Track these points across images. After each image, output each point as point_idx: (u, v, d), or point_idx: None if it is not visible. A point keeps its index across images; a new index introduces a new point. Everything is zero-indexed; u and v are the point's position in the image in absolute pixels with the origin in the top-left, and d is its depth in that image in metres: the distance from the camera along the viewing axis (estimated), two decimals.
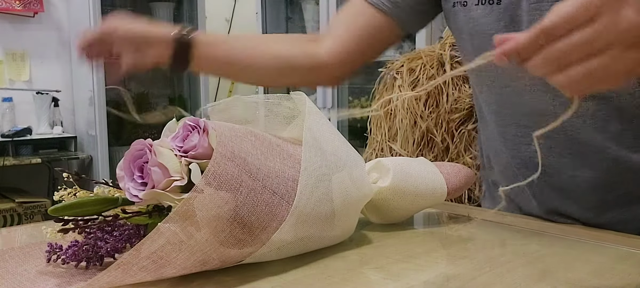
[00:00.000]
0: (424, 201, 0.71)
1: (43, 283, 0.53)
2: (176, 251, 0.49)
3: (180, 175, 0.52)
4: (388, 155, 1.65)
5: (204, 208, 0.49)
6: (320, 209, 0.57)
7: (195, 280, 0.53)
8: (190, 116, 0.56)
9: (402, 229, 0.72)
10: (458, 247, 0.67)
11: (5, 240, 0.70)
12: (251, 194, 0.52)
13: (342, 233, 0.63)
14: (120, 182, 0.55)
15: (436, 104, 1.63)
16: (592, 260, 0.61)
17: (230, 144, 0.53)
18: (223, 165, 0.51)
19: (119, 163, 0.55)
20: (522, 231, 0.73)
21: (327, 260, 0.60)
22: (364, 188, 0.65)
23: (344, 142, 0.64)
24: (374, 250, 0.64)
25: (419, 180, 0.70)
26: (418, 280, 0.55)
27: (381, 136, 1.70)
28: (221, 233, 0.51)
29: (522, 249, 0.66)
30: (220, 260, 0.52)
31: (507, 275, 0.56)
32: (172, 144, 0.54)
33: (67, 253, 0.56)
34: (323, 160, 0.59)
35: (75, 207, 0.56)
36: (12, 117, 3.17)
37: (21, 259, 0.60)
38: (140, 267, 0.48)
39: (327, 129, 0.62)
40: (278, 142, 0.59)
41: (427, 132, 1.61)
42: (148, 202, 0.54)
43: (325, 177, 0.58)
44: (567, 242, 0.68)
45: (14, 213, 2.92)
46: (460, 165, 0.78)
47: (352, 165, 0.62)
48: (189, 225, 0.49)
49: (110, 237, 0.56)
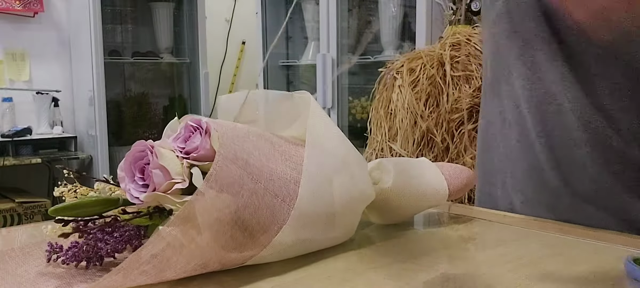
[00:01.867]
0: (426, 202, 0.71)
1: (43, 283, 0.53)
2: (177, 255, 0.49)
3: (182, 178, 0.52)
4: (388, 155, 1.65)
5: (206, 212, 0.49)
6: (322, 211, 0.57)
7: (195, 279, 0.53)
8: (191, 115, 0.56)
9: (402, 229, 0.72)
10: (458, 247, 0.67)
11: (5, 240, 0.70)
12: (253, 197, 0.52)
13: (343, 234, 0.63)
14: (121, 183, 0.55)
15: (436, 104, 1.63)
16: (592, 260, 0.61)
17: (232, 145, 0.53)
18: (225, 168, 0.51)
19: (120, 164, 0.55)
20: (522, 231, 0.73)
21: (328, 261, 0.60)
22: (366, 190, 0.65)
23: (347, 142, 0.64)
24: (374, 250, 0.64)
25: (420, 181, 0.70)
26: (418, 280, 0.55)
27: (381, 136, 1.70)
28: (222, 237, 0.51)
29: (522, 249, 0.66)
30: (220, 263, 0.52)
31: (507, 275, 0.56)
32: (174, 145, 0.54)
33: (67, 253, 0.56)
34: (325, 161, 0.59)
35: (76, 207, 0.56)
36: (12, 117, 3.18)
37: (21, 259, 0.60)
38: (141, 272, 0.48)
39: (331, 129, 0.62)
40: (280, 142, 0.59)
41: (427, 132, 1.61)
42: (149, 204, 0.54)
43: (327, 179, 0.58)
44: (567, 242, 0.68)
45: (14, 213, 2.92)
46: (462, 166, 0.78)
47: (354, 166, 0.62)
48: (190, 229, 0.49)
49: (111, 238, 0.56)
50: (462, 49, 1.66)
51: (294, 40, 3.42)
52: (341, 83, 2.87)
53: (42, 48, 3.35)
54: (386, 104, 1.72)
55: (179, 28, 3.68)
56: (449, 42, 1.69)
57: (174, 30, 3.64)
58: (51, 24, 3.37)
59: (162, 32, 3.58)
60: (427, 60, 1.67)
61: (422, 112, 1.61)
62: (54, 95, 3.26)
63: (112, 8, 3.50)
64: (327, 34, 2.81)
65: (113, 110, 3.41)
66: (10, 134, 3.04)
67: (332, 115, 2.82)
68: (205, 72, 3.58)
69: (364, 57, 2.90)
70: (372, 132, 1.77)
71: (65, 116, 3.37)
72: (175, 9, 3.63)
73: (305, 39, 3.34)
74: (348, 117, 2.94)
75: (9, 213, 2.90)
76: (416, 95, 1.63)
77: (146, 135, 3.17)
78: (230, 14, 4.15)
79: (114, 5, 3.52)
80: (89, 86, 3.19)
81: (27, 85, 3.29)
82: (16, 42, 3.27)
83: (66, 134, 3.31)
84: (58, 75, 3.41)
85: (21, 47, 3.29)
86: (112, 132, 3.29)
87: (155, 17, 3.56)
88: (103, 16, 3.14)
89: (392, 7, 2.73)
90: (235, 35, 4.17)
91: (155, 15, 3.55)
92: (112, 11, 3.51)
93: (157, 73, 3.76)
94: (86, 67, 3.20)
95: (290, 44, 3.43)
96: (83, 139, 3.35)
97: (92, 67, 3.14)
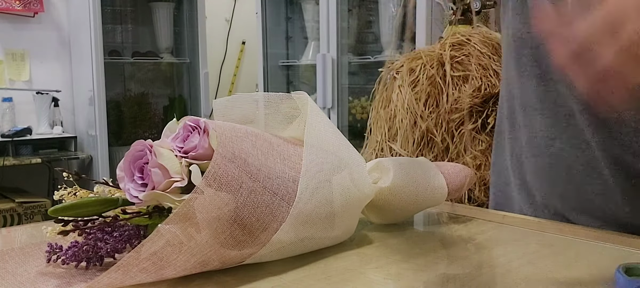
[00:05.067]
0: (425, 201, 0.71)
1: (43, 283, 0.53)
2: (176, 252, 0.49)
3: (181, 176, 0.52)
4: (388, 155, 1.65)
5: (205, 210, 0.49)
6: (321, 210, 0.57)
7: (195, 279, 0.53)
8: (190, 116, 0.56)
9: (402, 229, 0.72)
10: (458, 247, 0.67)
11: (5, 240, 0.70)
12: (251, 195, 0.52)
13: (342, 234, 0.63)
14: (121, 183, 0.55)
15: (436, 104, 1.63)
16: (592, 260, 0.61)
17: (230, 144, 0.53)
18: (223, 167, 0.51)
19: (119, 164, 0.55)
20: (522, 231, 0.73)
21: (327, 260, 0.60)
22: (365, 189, 0.65)
23: (345, 142, 0.64)
24: (374, 250, 0.64)
25: (419, 180, 0.70)
26: (418, 280, 0.55)
27: (381, 136, 1.70)
28: (221, 235, 0.51)
29: (522, 249, 0.66)
30: (220, 261, 0.52)
31: (507, 275, 0.56)
32: (173, 144, 0.54)
33: (67, 253, 0.56)
34: (324, 160, 0.59)
35: (75, 207, 0.56)
36: (12, 117, 3.18)
37: (21, 259, 0.60)
38: (140, 269, 0.48)
39: (329, 129, 0.62)
40: (279, 142, 0.59)
41: (427, 132, 1.61)
42: (148, 203, 0.54)
43: (326, 178, 0.58)
44: (567, 242, 0.68)
45: (14, 213, 2.92)
46: (461, 165, 0.78)
47: (353, 166, 0.62)
48: (189, 227, 0.49)
49: (110, 238, 0.56)
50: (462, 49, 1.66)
51: (294, 40, 3.42)
52: (341, 83, 2.87)
53: (42, 48, 3.35)
54: (386, 104, 1.72)
55: (179, 28, 3.69)
56: (449, 42, 1.69)
57: (174, 30, 3.64)
58: (51, 24, 3.37)
59: (162, 32, 3.58)
60: (427, 60, 1.67)
61: (422, 112, 1.61)
62: (54, 95, 3.26)
63: (112, 8, 3.50)
64: (327, 34, 2.81)
65: (113, 110, 3.41)
66: (10, 134, 3.05)
67: (332, 115, 2.82)
68: (205, 72, 3.58)
69: (364, 57, 2.90)
70: (372, 132, 1.77)
71: (65, 116, 3.37)
72: (175, 9, 3.63)
73: (305, 39, 3.35)
74: (348, 117, 2.94)
75: (9, 213, 2.90)
76: (416, 95, 1.63)
77: (146, 135, 3.17)
78: (230, 14, 4.15)
79: (114, 5, 3.52)
80: (89, 86, 3.19)
81: (27, 85, 3.30)
82: (16, 42, 3.27)
83: (66, 134, 3.31)
84: (58, 75, 3.41)
85: (21, 47, 3.29)
86: (112, 132, 3.29)
87: (155, 17, 3.56)
88: (103, 16, 3.14)
89: (392, 7, 2.73)
90: (235, 35, 4.18)
91: (155, 15, 3.55)
92: (112, 11, 3.51)
93: (157, 73, 3.76)
94: (86, 67, 3.21)
95: (290, 44, 3.43)
96: (83, 139, 3.35)
97: (92, 67, 3.15)
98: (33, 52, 3.32)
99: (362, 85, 2.97)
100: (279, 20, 3.35)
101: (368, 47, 2.99)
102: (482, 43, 1.66)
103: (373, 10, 2.97)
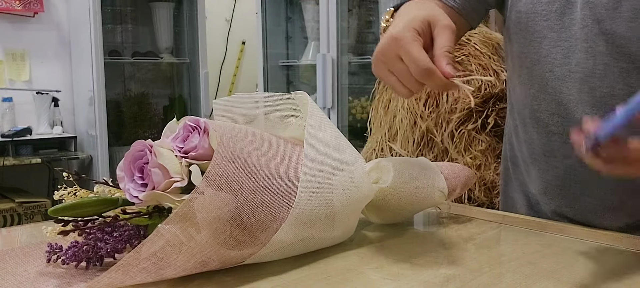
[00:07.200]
0: (425, 201, 0.71)
1: (43, 283, 0.53)
2: (176, 252, 0.49)
3: (181, 177, 0.52)
4: (388, 155, 1.65)
5: (205, 210, 0.49)
6: (321, 210, 0.57)
7: (195, 279, 0.53)
8: (190, 116, 0.56)
9: (402, 229, 0.72)
10: (458, 247, 0.67)
11: (5, 240, 0.70)
12: (251, 196, 0.52)
13: (342, 234, 0.63)
14: (121, 183, 0.55)
15: (436, 104, 1.63)
16: (592, 260, 0.61)
17: (230, 144, 0.53)
18: (223, 167, 0.51)
19: (119, 164, 0.55)
20: (522, 231, 0.73)
21: (328, 260, 0.60)
22: (365, 189, 0.65)
23: (345, 142, 0.64)
24: (374, 250, 0.64)
25: (419, 180, 0.70)
26: (418, 280, 0.55)
27: (381, 136, 1.70)
28: (221, 235, 0.51)
29: (522, 249, 0.66)
30: (220, 261, 0.52)
31: (507, 275, 0.56)
32: (173, 144, 0.54)
33: (67, 253, 0.56)
34: (324, 160, 0.59)
35: (76, 207, 0.56)
36: (12, 117, 3.17)
37: (21, 259, 0.60)
38: (141, 269, 0.48)
39: (329, 129, 0.62)
40: (278, 142, 0.59)
41: (427, 132, 1.61)
42: (148, 203, 0.54)
43: (326, 178, 0.58)
44: (567, 242, 0.68)
45: (14, 213, 2.92)
46: (461, 165, 0.78)
47: (353, 166, 0.62)
48: (189, 227, 0.49)
49: (110, 238, 0.56)
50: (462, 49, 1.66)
51: (294, 40, 3.42)
52: (341, 83, 2.87)
53: (42, 48, 3.34)
54: (386, 104, 1.72)
55: (179, 28, 3.68)
56: None
57: (174, 30, 3.63)
58: (51, 24, 3.37)
59: (162, 32, 3.57)
60: None
61: (421, 112, 1.61)
62: (54, 95, 3.25)
63: (112, 8, 3.50)
64: (327, 34, 2.81)
65: (113, 110, 3.40)
66: (10, 134, 3.04)
67: (332, 115, 2.82)
68: (205, 72, 3.58)
69: (364, 57, 2.90)
70: (372, 132, 1.77)
71: (65, 116, 3.37)
72: (175, 9, 3.62)
73: (305, 39, 3.34)
74: (348, 117, 2.94)
75: (9, 213, 2.90)
76: (416, 95, 1.63)
77: (146, 135, 3.17)
78: (230, 14, 4.15)
79: (114, 5, 3.51)
80: (89, 86, 3.19)
81: (27, 85, 3.29)
82: (16, 42, 3.27)
83: (66, 134, 3.31)
84: (58, 75, 3.41)
85: (21, 47, 3.29)
86: (112, 132, 3.29)
87: (155, 17, 3.55)
88: (103, 16, 3.14)
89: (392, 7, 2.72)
90: (235, 35, 4.17)
91: (155, 15, 3.55)
92: (112, 11, 3.51)
93: (157, 73, 3.76)
94: (86, 67, 3.20)
95: (290, 44, 3.43)
96: (83, 139, 3.35)
97: (92, 67, 3.14)
98: (33, 52, 3.32)
99: (362, 85, 2.97)
100: (279, 20, 3.35)
101: (368, 47, 2.99)
102: (482, 43, 1.65)
103: (373, 10, 2.96)
